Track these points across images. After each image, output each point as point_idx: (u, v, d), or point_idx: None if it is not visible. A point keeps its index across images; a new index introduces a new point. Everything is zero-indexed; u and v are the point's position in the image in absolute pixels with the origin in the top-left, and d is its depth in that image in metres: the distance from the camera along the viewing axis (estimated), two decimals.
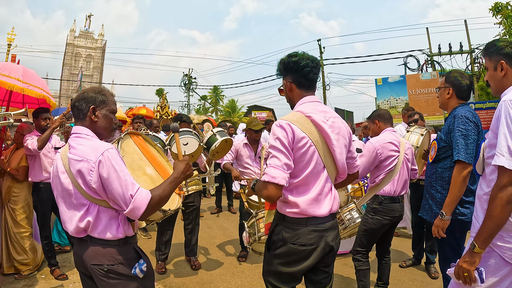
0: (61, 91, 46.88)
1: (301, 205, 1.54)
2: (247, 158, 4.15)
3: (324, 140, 1.58)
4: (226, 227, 5.50)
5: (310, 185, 1.56)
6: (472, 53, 14.36)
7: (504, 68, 1.56)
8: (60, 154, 1.52)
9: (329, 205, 1.59)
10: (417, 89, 13.76)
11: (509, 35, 9.19)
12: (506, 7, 8.80)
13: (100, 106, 1.54)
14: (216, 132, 3.50)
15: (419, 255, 3.83)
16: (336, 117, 1.68)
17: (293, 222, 1.57)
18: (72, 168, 1.40)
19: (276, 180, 1.45)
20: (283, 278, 1.64)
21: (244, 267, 3.79)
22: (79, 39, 50.37)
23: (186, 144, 3.22)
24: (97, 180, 1.36)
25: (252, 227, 2.54)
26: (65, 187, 1.42)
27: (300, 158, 1.53)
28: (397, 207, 2.76)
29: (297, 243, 1.55)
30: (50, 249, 3.43)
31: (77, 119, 1.55)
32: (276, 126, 1.55)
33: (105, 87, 1.62)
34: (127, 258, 1.45)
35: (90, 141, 1.47)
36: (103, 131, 1.56)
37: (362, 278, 2.77)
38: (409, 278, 3.48)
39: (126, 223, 1.46)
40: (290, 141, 1.51)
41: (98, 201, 1.41)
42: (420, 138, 3.09)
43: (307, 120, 1.57)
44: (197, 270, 3.67)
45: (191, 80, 28.82)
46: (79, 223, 1.39)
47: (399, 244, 4.47)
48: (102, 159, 1.36)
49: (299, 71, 1.65)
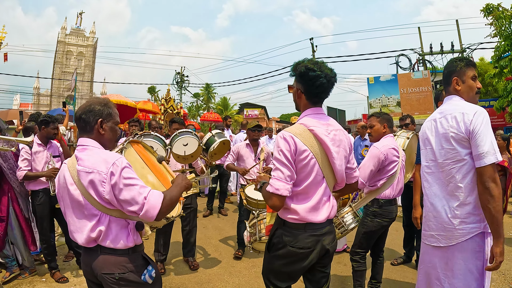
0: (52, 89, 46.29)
1: (301, 212, 1.65)
2: (248, 158, 4.30)
3: (324, 152, 1.67)
4: (222, 227, 5.59)
5: (310, 194, 1.67)
6: (463, 52, 14.61)
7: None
8: (66, 166, 1.55)
9: (327, 212, 1.70)
10: (408, 88, 13.96)
11: (500, 36, 9.37)
12: (497, 9, 8.98)
13: (107, 119, 1.58)
14: (214, 134, 3.59)
15: (410, 253, 3.97)
16: (338, 129, 1.76)
17: (293, 227, 1.69)
18: (83, 180, 1.43)
19: (280, 192, 1.58)
20: (281, 277, 1.77)
21: (241, 267, 3.88)
22: (70, 36, 49.64)
23: (186, 144, 3.29)
24: (110, 191, 1.39)
25: (253, 227, 2.63)
26: (75, 199, 1.46)
27: (301, 169, 1.63)
28: (394, 209, 2.88)
29: (296, 246, 1.67)
30: (49, 252, 3.48)
31: (83, 131, 1.57)
32: (280, 138, 1.65)
33: (110, 100, 1.66)
34: (136, 265, 1.51)
35: (98, 152, 1.50)
36: (109, 142, 1.61)
37: (359, 278, 2.87)
38: (400, 275, 3.61)
39: (135, 232, 1.53)
40: (293, 154, 1.61)
41: (110, 211, 1.45)
42: (406, 141, 3.17)
43: (310, 133, 1.65)
44: (195, 270, 3.75)
45: (183, 78, 28.65)
46: (90, 233, 1.44)
47: (391, 242, 4.60)
48: (113, 169, 1.41)
49: (313, 86, 1.69)
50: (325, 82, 1.67)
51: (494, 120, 12.54)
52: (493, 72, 10.25)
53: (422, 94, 13.70)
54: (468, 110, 1.74)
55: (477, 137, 1.67)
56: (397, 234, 4.94)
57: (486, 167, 1.64)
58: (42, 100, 47.62)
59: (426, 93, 13.67)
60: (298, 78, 1.74)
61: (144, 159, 2.01)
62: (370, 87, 14.94)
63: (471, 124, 1.70)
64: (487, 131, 1.67)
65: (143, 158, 2.02)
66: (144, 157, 2.04)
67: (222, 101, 38.92)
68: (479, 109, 1.73)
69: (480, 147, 1.66)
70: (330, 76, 1.68)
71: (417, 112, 13.55)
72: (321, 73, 1.65)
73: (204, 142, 3.49)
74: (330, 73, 1.68)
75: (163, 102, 11.35)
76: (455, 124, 1.77)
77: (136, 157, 1.98)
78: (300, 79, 1.73)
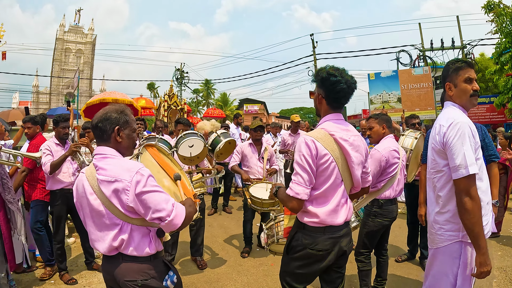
0: (51, 87, 46.19)
1: (321, 215, 1.72)
2: (252, 158, 4.34)
3: (344, 156, 1.74)
4: (227, 225, 5.66)
5: (329, 197, 1.74)
6: (464, 48, 14.62)
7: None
8: (85, 175, 1.53)
9: (344, 215, 1.78)
10: (409, 84, 13.96)
11: (501, 33, 9.38)
12: (498, 6, 8.98)
13: (123, 127, 1.57)
14: (220, 134, 3.63)
15: (413, 250, 4.04)
16: (356, 135, 1.82)
17: (312, 230, 1.75)
18: (105, 189, 1.43)
19: (299, 196, 1.67)
20: (299, 278, 1.85)
21: (248, 265, 3.95)
22: (69, 34, 49.43)
23: (192, 146, 3.33)
24: (134, 199, 1.39)
25: (270, 229, 2.70)
26: (95, 208, 1.46)
27: (321, 172, 1.70)
28: (395, 208, 2.94)
29: (315, 249, 1.74)
30: (62, 253, 3.54)
31: (100, 140, 1.56)
32: (302, 142, 1.71)
33: (126, 107, 1.64)
34: (158, 271, 1.53)
35: (119, 161, 1.50)
36: (126, 150, 1.61)
37: (365, 278, 2.94)
38: (405, 272, 3.69)
39: (157, 239, 1.56)
40: (314, 158, 1.68)
41: (132, 220, 1.46)
42: (414, 141, 3.21)
43: (331, 138, 1.71)
44: (203, 269, 3.82)
45: (183, 75, 28.56)
46: (112, 242, 1.44)
47: (394, 239, 4.67)
48: (138, 178, 1.41)
49: (333, 91, 1.75)
50: (345, 88, 1.72)
51: (494, 117, 12.59)
52: (493, 69, 10.28)
53: (423, 90, 13.71)
54: (445, 122, 1.75)
55: (450, 150, 1.69)
56: (400, 231, 5.01)
57: (459, 180, 1.65)
58: (41, 98, 47.46)
59: (427, 89, 13.69)
60: (319, 83, 1.80)
61: (159, 162, 2.04)
62: (370, 83, 14.93)
63: (445, 136, 1.72)
64: (461, 144, 1.65)
65: (159, 162, 2.04)
66: (159, 160, 2.06)
67: (221, 97, 38.94)
68: (455, 120, 1.71)
69: (453, 160, 1.67)
70: (350, 82, 1.74)
71: (418, 108, 13.58)
72: (342, 78, 1.71)
73: (209, 142, 3.53)
74: (351, 79, 1.74)
75: (166, 98, 11.01)
76: (435, 135, 1.81)
77: (152, 161, 2.00)
78: (321, 85, 1.79)
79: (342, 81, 1.71)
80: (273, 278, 3.55)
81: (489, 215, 1.85)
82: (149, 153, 2.07)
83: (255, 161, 4.34)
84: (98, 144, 1.59)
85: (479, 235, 1.62)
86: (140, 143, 2.86)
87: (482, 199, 1.72)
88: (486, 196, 1.80)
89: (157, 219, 1.42)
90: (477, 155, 1.73)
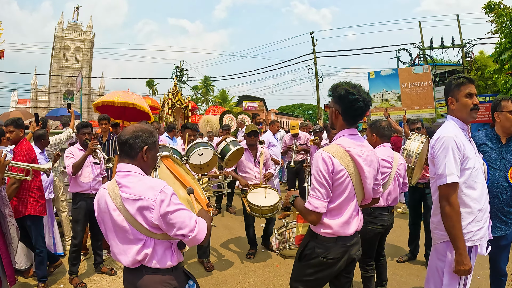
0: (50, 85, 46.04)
1: (334, 227, 1.82)
2: (248, 163, 4.34)
3: (358, 171, 1.83)
4: (231, 226, 5.75)
5: (342, 210, 1.84)
6: (463, 47, 14.65)
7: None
8: (107, 191, 1.57)
9: (356, 226, 1.88)
10: (409, 82, 14.00)
11: (501, 33, 9.43)
12: (499, 6, 9.02)
13: (151, 147, 1.63)
14: (229, 142, 3.72)
15: (415, 251, 4.15)
16: (370, 150, 1.91)
17: (325, 240, 1.86)
18: (129, 207, 1.48)
19: (318, 210, 1.77)
20: (310, 284, 1.96)
21: (255, 267, 4.05)
22: (68, 31, 49.11)
23: (202, 154, 3.42)
24: (158, 217, 1.45)
25: (282, 234, 2.81)
26: (118, 224, 1.51)
27: (337, 187, 1.79)
28: (387, 217, 2.97)
29: (327, 257, 1.85)
30: (76, 256, 3.62)
31: (126, 156, 1.60)
32: (319, 158, 1.79)
33: (155, 129, 1.69)
34: (180, 281, 1.62)
35: (142, 179, 1.54)
36: (148, 169, 1.66)
37: (368, 283, 3.04)
38: (406, 272, 3.79)
39: (178, 251, 1.64)
40: (330, 173, 1.77)
41: (156, 235, 1.51)
42: (421, 146, 3.30)
43: (346, 154, 1.80)
44: (211, 271, 3.91)
45: (183, 72, 28.54)
46: (136, 256, 1.49)
47: (395, 239, 4.78)
48: (162, 197, 1.46)
49: (350, 108, 1.81)
50: (362, 106, 1.79)
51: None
52: (493, 68, 10.35)
53: (423, 89, 13.76)
54: (436, 135, 2.00)
55: (436, 160, 1.95)
56: (401, 231, 5.12)
57: (440, 187, 1.90)
58: (40, 96, 47.34)
59: (427, 88, 13.74)
60: (336, 99, 1.86)
61: (174, 173, 2.12)
62: (370, 82, 14.96)
63: (432, 148, 1.99)
64: (444, 156, 1.88)
65: (174, 172, 2.13)
66: (174, 170, 2.15)
67: (221, 94, 38.89)
68: (441, 135, 1.94)
69: (437, 169, 1.93)
70: (367, 100, 1.81)
71: (418, 106, 13.68)
72: (360, 96, 1.78)
73: (219, 151, 3.63)
74: (367, 97, 1.82)
75: (170, 96, 10.81)
76: (430, 147, 2.05)
77: (167, 173, 2.09)
78: (338, 101, 1.85)
79: (360, 99, 1.78)
80: (279, 280, 3.65)
81: (482, 222, 1.96)
82: (165, 164, 2.16)
83: (251, 166, 4.32)
84: (121, 160, 1.62)
85: (456, 237, 1.84)
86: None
87: (472, 206, 1.92)
88: (478, 204, 1.94)
89: (180, 235, 1.49)
90: (465, 165, 1.91)
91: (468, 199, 1.93)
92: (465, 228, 1.90)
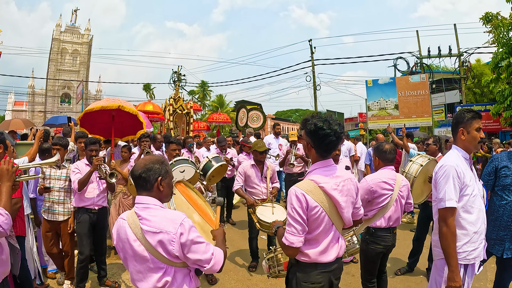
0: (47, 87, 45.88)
1: (312, 255, 1.89)
2: (255, 179, 4.34)
3: (333, 204, 1.87)
4: (232, 238, 5.77)
5: (320, 240, 1.90)
6: (460, 56, 14.88)
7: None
8: (127, 222, 1.62)
9: (335, 253, 1.94)
10: (406, 91, 14.19)
11: (498, 43, 9.63)
12: (496, 17, 9.22)
13: (165, 176, 1.67)
14: (211, 158, 3.78)
15: (413, 264, 4.25)
16: (347, 179, 1.92)
17: (305, 266, 1.93)
18: (150, 239, 1.53)
19: (294, 245, 1.83)
20: None
21: (257, 279, 4.11)
22: (65, 34, 49.05)
23: (183, 171, 3.49)
24: (179, 249, 1.52)
25: (271, 259, 2.85)
26: (139, 254, 1.56)
27: (313, 222, 1.84)
28: (389, 237, 2.98)
29: (308, 281, 1.92)
30: (84, 271, 3.65)
31: (143, 189, 1.65)
32: (293, 195, 1.83)
33: (164, 157, 1.79)
34: None
35: (162, 212, 1.60)
36: (166, 197, 1.72)
37: None
38: (404, 285, 3.88)
39: (195, 277, 1.72)
40: (305, 210, 1.81)
41: (176, 264, 1.58)
42: (420, 168, 3.45)
43: (320, 190, 1.82)
44: (213, 284, 3.97)
45: (180, 78, 28.60)
46: (157, 284, 1.55)
47: (394, 251, 4.75)
48: (181, 230, 1.53)
49: (323, 144, 1.84)
50: (334, 140, 1.82)
51: (490, 124, 12.89)
52: (490, 78, 10.55)
53: (420, 98, 13.96)
54: (439, 163, 2.20)
55: (437, 186, 2.15)
56: (398, 242, 5.09)
57: (440, 210, 2.12)
58: (37, 98, 47.13)
59: (424, 97, 13.94)
60: (308, 133, 1.87)
61: (187, 199, 2.18)
62: (368, 90, 15.15)
63: (435, 174, 2.19)
64: (445, 182, 2.09)
65: (186, 198, 2.18)
66: (187, 196, 2.21)
67: (218, 99, 38.92)
68: (444, 163, 2.15)
69: (438, 194, 2.13)
70: (339, 133, 1.83)
71: (415, 115, 13.87)
72: (331, 131, 1.79)
73: (201, 167, 3.68)
74: (338, 129, 1.83)
75: (172, 102, 10.66)
76: (434, 173, 2.24)
77: (181, 199, 2.14)
78: (309, 135, 1.87)
79: (331, 134, 1.79)
80: None
81: (477, 243, 2.14)
82: (178, 190, 2.21)
83: (258, 182, 4.33)
84: (139, 193, 1.67)
85: (450, 255, 2.05)
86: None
87: (468, 229, 2.12)
88: (474, 227, 2.13)
89: (198, 266, 1.59)
90: (463, 192, 2.11)
91: (465, 222, 2.12)
92: (461, 248, 2.10)
